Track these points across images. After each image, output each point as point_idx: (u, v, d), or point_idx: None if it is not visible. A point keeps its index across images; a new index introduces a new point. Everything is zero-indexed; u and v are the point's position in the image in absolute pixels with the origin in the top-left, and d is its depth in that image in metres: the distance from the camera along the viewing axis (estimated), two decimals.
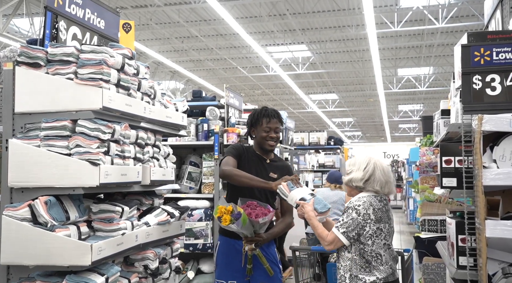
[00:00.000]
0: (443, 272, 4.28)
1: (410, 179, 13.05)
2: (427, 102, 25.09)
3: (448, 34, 14.21)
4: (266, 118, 3.19)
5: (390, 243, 2.76)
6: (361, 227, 2.67)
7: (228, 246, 3.11)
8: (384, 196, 2.79)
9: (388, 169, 2.83)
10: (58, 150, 2.41)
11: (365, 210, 2.67)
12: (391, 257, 2.73)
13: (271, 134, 3.19)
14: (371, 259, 2.67)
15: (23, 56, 2.48)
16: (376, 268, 2.67)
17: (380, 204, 2.72)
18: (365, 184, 2.76)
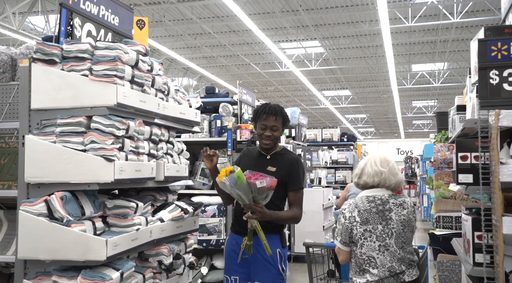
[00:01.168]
0: (458, 269, 4.24)
1: (424, 176, 12.94)
2: (441, 98, 24.84)
3: (463, 29, 14.03)
4: (264, 114, 3.05)
5: (393, 245, 2.67)
6: (350, 230, 2.69)
7: (232, 241, 3.12)
8: (386, 197, 2.74)
9: (384, 161, 2.81)
10: (73, 146, 2.43)
11: (350, 213, 2.70)
12: (394, 260, 2.65)
13: (266, 133, 3.04)
14: (363, 262, 2.66)
15: (39, 52, 2.50)
16: (368, 271, 2.65)
17: (370, 204, 2.70)
18: (358, 179, 2.84)
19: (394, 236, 2.69)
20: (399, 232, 2.70)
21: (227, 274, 3.11)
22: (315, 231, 7.77)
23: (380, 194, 2.75)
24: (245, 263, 3.03)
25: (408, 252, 2.73)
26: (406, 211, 2.76)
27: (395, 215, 2.72)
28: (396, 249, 2.68)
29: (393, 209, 2.72)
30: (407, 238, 2.75)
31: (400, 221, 2.72)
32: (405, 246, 2.73)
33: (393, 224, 2.70)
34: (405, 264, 2.69)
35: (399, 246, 2.69)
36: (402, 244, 2.71)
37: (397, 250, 2.68)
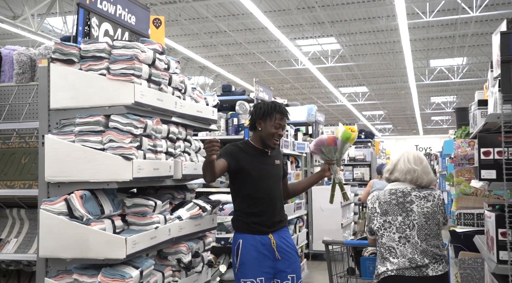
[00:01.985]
0: (480, 267, 4.17)
1: (443, 172, 12.78)
2: (460, 93, 24.48)
3: (483, 23, 13.79)
4: (280, 114, 3.10)
5: (415, 237, 2.68)
6: (371, 220, 2.81)
7: (254, 242, 3.04)
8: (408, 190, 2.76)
9: (418, 158, 2.83)
10: (92, 145, 2.45)
11: (372, 205, 2.81)
12: (416, 251, 2.65)
13: (280, 132, 3.12)
14: (384, 251, 2.74)
15: (57, 52, 2.52)
16: (388, 259, 2.71)
17: (391, 196, 2.74)
18: (390, 175, 2.88)
19: (416, 228, 2.69)
20: (421, 224, 2.70)
21: (251, 277, 3.00)
22: (334, 228, 7.72)
23: (402, 187, 2.78)
24: (272, 261, 3.04)
25: (433, 246, 2.71)
26: (431, 203, 2.75)
27: (417, 207, 2.73)
28: (418, 241, 2.68)
29: (415, 201, 2.73)
30: (431, 231, 2.74)
31: (423, 213, 2.72)
32: (430, 239, 2.72)
33: (414, 216, 2.71)
34: (429, 257, 2.67)
35: (422, 239, 2.69)
36: (426, 237, 2.70)
37: (418, 242, 2.68)
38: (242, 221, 3.08)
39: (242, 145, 3.16)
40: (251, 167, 3.06)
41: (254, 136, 3.19)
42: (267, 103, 3.17)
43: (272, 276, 3.07)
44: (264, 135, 3.11)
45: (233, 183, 3.17)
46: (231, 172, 3.06)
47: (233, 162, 3.02)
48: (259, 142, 3.15)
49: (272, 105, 3.12)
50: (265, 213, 3.08)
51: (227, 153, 3.04)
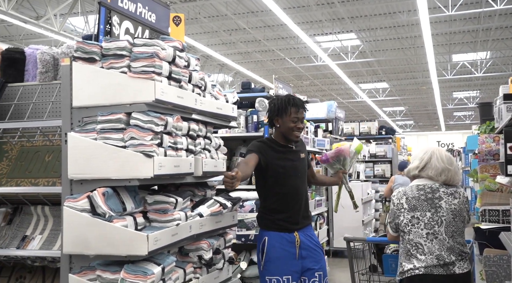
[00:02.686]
0: (506, 264, 4.09)
1: (467, 169, 12.57)
2: (483, 88, 24.03)
3: (507, 16, 13.49)
4: (295, 107, 3.08)
5: (443, 233, 2.65)
6: (397, 216, 2.76)
7: (280, 240, 3.04)
8: (436, 186, 2.73)
9: (449, 157, 2.81)
10: (114, 143, 2.46)
11: (398, 200, 2.76)
12: (443, 248, 2.62)
13: (299, 125, 3.10)
14: (410, 247, 2.69)
15: (79, 51, 2.54)
16: (415, 256, 2.66)
17: (419, 192, 2.70)
18: (420, 171, 2.81)
19: (444, 224, 2.66)
20: (449, 221, 2.68)
21: (277, 275, 2.99)
22: (355, 225, 7.67)
23: (431, 183, 2.75)
24: (298, 259, 3.04)
25: (459, 243, 2.68)
26: (458, 200, 2.73)
27: (445, 204, 2.70)
28: (445, 237, 2.65)
29: (443, 198, 2.70)
30: (458, 228, 2.71)
31: (451, 210, 2.69)
32: (456, 236, 2.69)
33: (442, 212, 2.68)
34: (455, 255, 2.63)
35: (449, 235, 2.66)
36: (453, 233, 2.67)
37: (446, 239, 2.65)
38: (267, 218, 3.09)
39: (268, 141, 3.17)
40: (278, 163, 3.07)
41: (276, 133, 3.19)
42: (281, 98, 3.15)
43: (299, 275, 3.05)
44: (284, 131, 3.11)
45: (259, 179, 3.17)
46: (259, 168, 3.06)
47: (262, 158, 3.04)
48: (282, 138, 3.15)
49: (285, 100, 3.11)
50: (290, 210, 3.09)
51: (257, 149, 3.05)
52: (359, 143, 3.60)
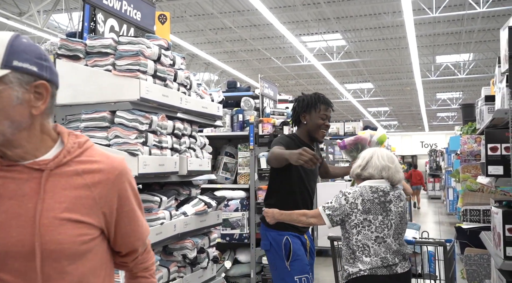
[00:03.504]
0: (486, 263, 4.16)
1: (449, 169, 12.73)
2: (466, 89, 24.35)
3: (490, 18, 13.70)
4: (325, 104, 3.06)
5: (390, 236, 2.67)
6: (347, 214, 2.72)
7: (298, 240, 3.04)
8: (387, 189, 2.74)
9: (390, 156, 2.83)
10: (98, 141, 2.45)
11: (353, 199, 2.72)
12: (389, 251, 2.65)
13: (327, 123, 3.09)
14: (356, 249, 2.68)
15: (63, 48, 2.52)
16: (360, 259, 2.66)
17: (373, 195, 2.70)
18: (362, 170, 2.82)
19: (393, 227, 2.70)
20: (397, 224, 2.72)
21: (305, 273, 2.97)
22: None
23: (383, 186, 2.76)
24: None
25: (402, 244, 2.73)
26: (403, 203, 2.79)
27: (394, 207, 2.73)
28: (392, 240, 2.69)
29: (392, 201, 2.73)
30: (402, 230, 2.77)
31: (398, 213, 2.74)
32: (401, 237, 2.75)
33: (392, 215, 2.72)
34: (399, 257, 2.68)
35: (395, 238, 2.71)
36: (399, 236, 2.73)
37: (393, 242, 2.69)
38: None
39: (294, 138, 3.11)
40: None
41: (300, 130, 3.14)
42: (309, 95, 3.13)
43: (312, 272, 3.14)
44: (311, 128, 3.07)
45: (275, 178, 3.10)
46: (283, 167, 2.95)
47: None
48: (306, 136, 3.12)
49: (315, 96, 3.09)
50: None
51: (287, 145, 2.95)
52: (383, 133, 3.44)
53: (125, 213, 1.35)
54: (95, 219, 1.26)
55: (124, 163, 1.36)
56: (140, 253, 1.47)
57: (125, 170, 1.35)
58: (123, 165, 1.35)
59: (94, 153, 1.31)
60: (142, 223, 1.43)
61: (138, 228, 1.42)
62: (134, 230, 1.39)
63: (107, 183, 1.28)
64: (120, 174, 1.32)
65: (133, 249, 1.43)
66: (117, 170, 1.31)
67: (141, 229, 1.43)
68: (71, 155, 1.26)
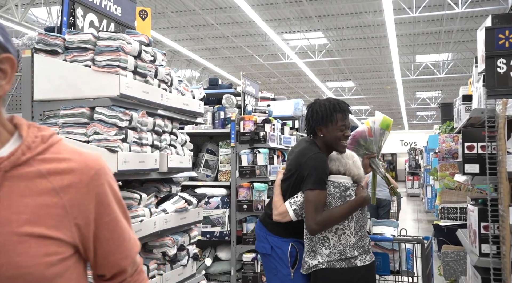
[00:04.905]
0: (462, 260, 4.23)
1: (428, 167, 12.92)
2: (445, 89, 24.72)
3: (468, 19, 13.92)
4: (341, 113, 2.75)
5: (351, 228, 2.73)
6: None
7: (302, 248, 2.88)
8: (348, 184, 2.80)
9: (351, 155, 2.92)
10: (77, 137, 2.42)
11: None
12: (348, 244, 2.71)
13: (347, 133, 2.78)
14: (317, 241, 2.74)
15: (41, 43, 2.48)
16: (319, 251, 2.72)
17: (335, 190, 2.77)
18: None
19: (353, 220, 2.76)
20: (358, 216, 2.78)
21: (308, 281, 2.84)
22: None
23: (345, 182, 2.82)
24: None
25: (363, 236, 2.78)
26: None
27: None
28: (352, 232, 2.75)
29: (353, 195, 2.79)
30: (364, 222, 2.84)
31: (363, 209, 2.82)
32: (363, 230, 2.81)
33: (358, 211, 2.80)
34: (359, 249, 2.72)
35: (357, 230, 2.76)
36: (360, 228, 2.78)
37: (353, 233, 2.74)
38: (284, 227, 2.89)
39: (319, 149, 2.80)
40: None
41: (319, 143, 2.83)
42: (324, 105, 2.79)
43: None
44: (330, 141, 2.79)
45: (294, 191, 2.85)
46: None
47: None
48: (326, 149, 2.83)
49: (330, 106, 2.76)
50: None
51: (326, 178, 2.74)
52: (383, 117, 3.08)
53: (106, 224, 1.07)
54: (66, 234, 0.99)
55: (101, 161, 1.09)
56: (130, 274, 1.17)
57: (103, 169, 1.08)
58: (100, 163, 1.08)
59: (63, 149, 1.04)
60: (129, 236, 1.15)
61: (125, 243, 1.13)
62: (119, 246, 1.11)
63: (80, 186, 1.01)
64: (97, 175, 1.05)
65: (120, 270, 1.14)
66: (93, 170, 1.05)
67: (128, 244, 1.14)
68: (32, 152, 0.99)
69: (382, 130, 3.13)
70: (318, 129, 2.80)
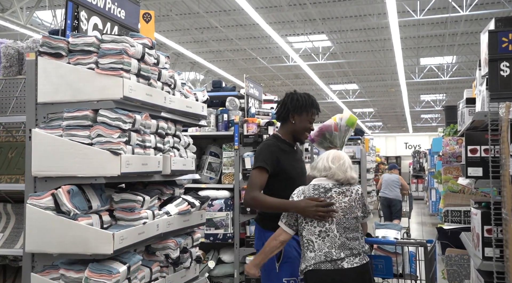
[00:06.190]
0: (466, 264, 4.21)
1: (432, 170, 12.88)
2: (450, 91, 24.65)
3: (473, 22, 13.88)
4: (315, 110, 3.09)
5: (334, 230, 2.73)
6: (296, 214, 2.83)
7: (291, 242, 2.96)
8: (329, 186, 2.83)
9: (337, 157, 2.91)
10: (80, 140, 2.43)
11: (297, 198, 2.84)
12: (334, 246, 2.71)
13: (312, 127, 3.14)
14: (303, 245, 2.80)
15: (45, 46, 2.50)
16: (305, 254, 2.77)
17: (314, 192, 2.80)
18: (312, 170, 2.97)
19: (334, 222, 2.76)
20: (339, 218, 2.77)
21: (294, 275, 2.93)
22: None
23: (325, 183, 2.84)
24: None
25: (351, 239, 2.76)
26: (348, 198, 2.83)
27: (336, 202, 2.79)
28: (336, 234, 2.74)
29: (334, 197, 2.80)
30: (350, 224, 2.80)
31: (341, 208, 2.79)
32: (349, 232, 2.78)
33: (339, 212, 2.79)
34: (346, 251, 2.72)
35: (340, 232, 2.75)
36: (345, 230, 2.76)
37: (337, 235, 2.74)
38: (275, 220, 2.94)
39: (278, 141, 3.07)
40: (290, 167, 3.05)
41: (285, 129, 3.11)
42: (304, 97, 3.09)
43: None
44: (298, 129, 3.07)
45: (268, 183, 3.01)
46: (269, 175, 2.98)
47: (272, 168, 2.96)
48: (290, 136, 3.10)
49: (310, 100, 3.08)
50: None
51: (269, 161, 2.95)
52: (350, 114, 3.31)
53: None
54: None
55: None
56: None
57: None
58: None
59: None
60: None
61: None
62: None
63: None
64: None
65: None
66: None
67: None
68: None
69: (347, 127, 3.29)
70: (292, 115, 3.05)
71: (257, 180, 2.93)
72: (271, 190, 3.00)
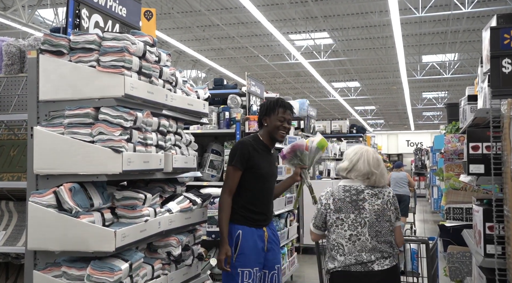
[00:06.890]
0: (468, 261, 4.21)
1: (434, 167, 12.88)
2: (452, 89, 24.60)
3: (475, 19, 13.84)
4: (282, 108, 3.26)
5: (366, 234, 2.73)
6: (324, 216, 2.86)
7: (252, 234, 3.16)
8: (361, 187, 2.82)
9: (376, 160, 2.88)
10: (82, 138, 2.43)
11: (326, 200, 2.86)
12: (365, 249, 2.71)
13: (285, 124, 3.26)
14: (332, 247, 2.80)
15: (47, 44, 2.50)
16: (335, 257, 2.77)
17: (345, 194, 2.78)
18: (348, 173, 2.91)
19: (367, 225, 2.75)
20: (372, 222, 2.76)
21: (249, 266, 3.12)
22: None
23: (357, 185, 2.82)
24: (264, 252, 3.20)
25: (383, 242, 2.75)
26: (381, 201, 2.80)
27: (369, 205, 2.78)
28: (368, 238, 2.74)
29: (367, 199, 2.78)
30: (382, 228, 2.79)
31: (374, 211, 2.77)
32: (381, 235, 2.77)
33: (366, 213, 2.77)
34: (377, 254, 2.71)
35: (372, 235, 2.75)
36: (377, 233, 2.75)
37: (368, 239, 2.74)
38: (240, 214, 3.19)
39: (253, 141, 3.27)
40: (261, 164, 3.20)
41: (263, 131, 3.32)
42: (270, 100, 3.35)
43: (262, 267, 3.22)
44: (270, 129, 3.25)
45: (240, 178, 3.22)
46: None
47: (243, 166, 3.15)
48: (267, 138, 3.29)
49: (274, 101, 3.31)
50: (264, 210, 3.25)
51: (242, 159, 3.15)
52: (322, 138, 3.56)
53: None
54: None
55: None
56: None
57: None
58: None
59: None
60: None
61: None
62: None
63: None
64: None
65: None
66: None
67: None
68: None
69: (317, 150, 3.45)
70: (264, 119, 3.28)
71: (229, 180, 3.16)
72: (242, 183, 3.20)
